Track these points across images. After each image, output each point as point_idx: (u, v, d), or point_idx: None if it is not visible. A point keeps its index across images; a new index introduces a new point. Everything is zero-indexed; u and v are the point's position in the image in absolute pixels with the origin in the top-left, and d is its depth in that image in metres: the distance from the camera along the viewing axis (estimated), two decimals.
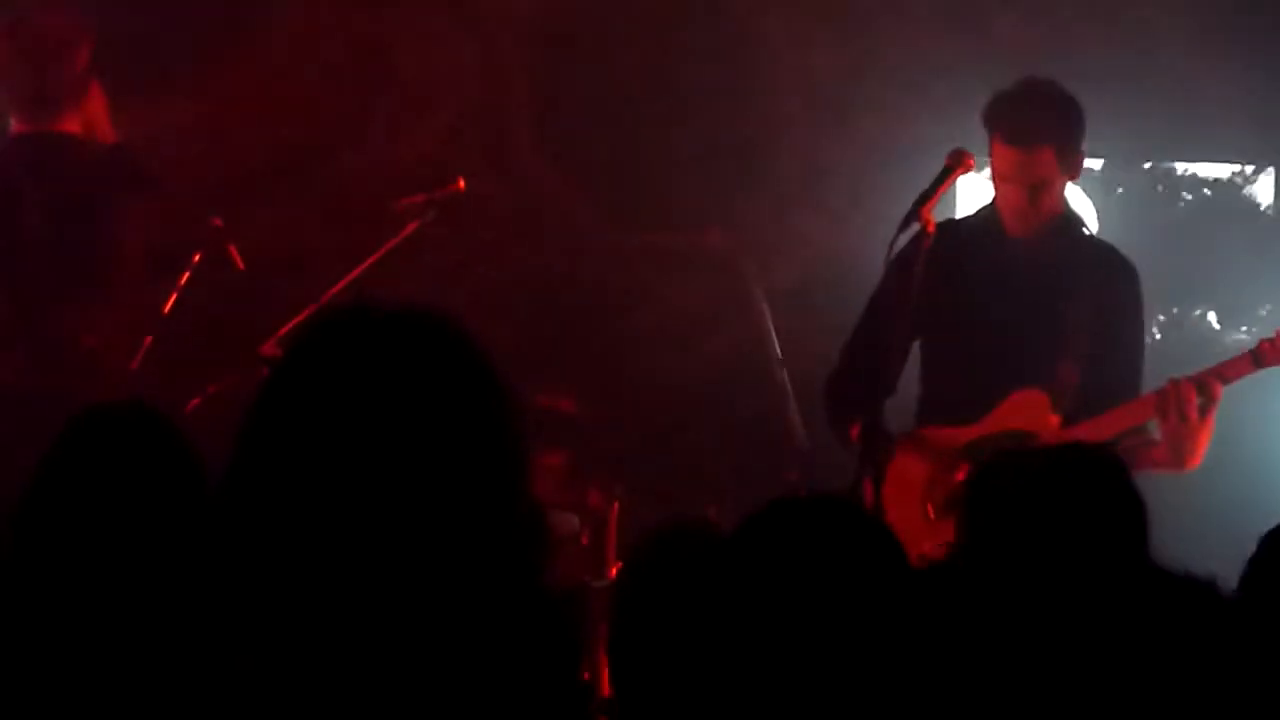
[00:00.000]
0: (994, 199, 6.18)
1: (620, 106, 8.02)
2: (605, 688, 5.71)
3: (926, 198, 5.80)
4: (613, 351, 7.75)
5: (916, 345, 6.27)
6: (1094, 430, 6.02)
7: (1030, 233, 6.12)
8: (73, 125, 6.54)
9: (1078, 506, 3.63)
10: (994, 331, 6.14)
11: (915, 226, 5.75)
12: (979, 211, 6.31)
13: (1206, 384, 5.92)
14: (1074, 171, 6.13)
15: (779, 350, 7.11)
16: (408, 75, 7.87)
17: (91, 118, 6.62)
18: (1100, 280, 6.19)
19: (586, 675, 5.65)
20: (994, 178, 6.12)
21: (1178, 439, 5.94)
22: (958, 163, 5.88)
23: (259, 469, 2.38)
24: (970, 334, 6.16)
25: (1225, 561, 3.83)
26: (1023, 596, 3.41)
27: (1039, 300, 6.15)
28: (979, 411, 6.10)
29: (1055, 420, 6.07)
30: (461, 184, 6.55)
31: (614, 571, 6.16)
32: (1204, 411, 5.91)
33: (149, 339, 6.35)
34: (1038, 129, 6.00)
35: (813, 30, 7.96)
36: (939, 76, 7.88)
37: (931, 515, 6.05)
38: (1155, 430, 6.04)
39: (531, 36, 8.01)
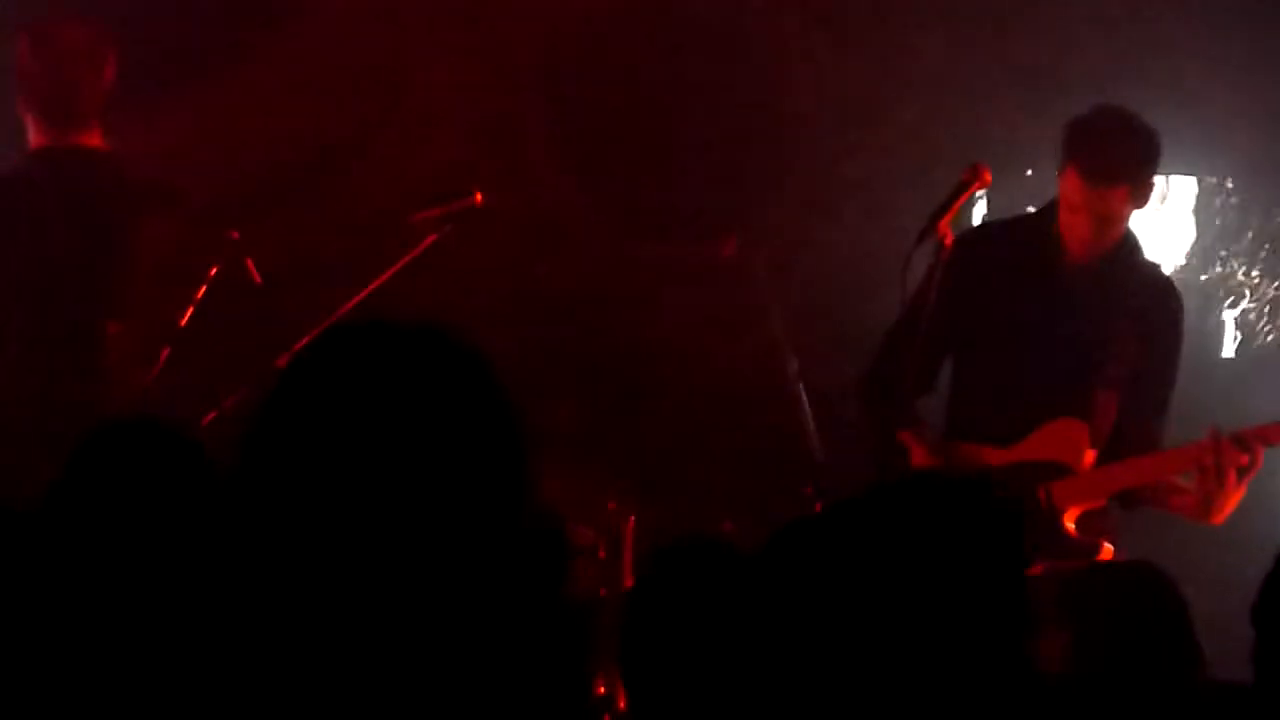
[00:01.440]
0: (1057, 215, 6.08)
1: (637, 118, 8.02)
2: (622, 701, 5.72)
3: (943, 212, 5.80)
4: (630, 363, 7.75)
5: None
6: (1129, 474, 5.96)
7: (1090, 258, 6.06)
8: (94, 139, 6.54)
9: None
10: (1037, 352, 6.06)
11: (932, 240, 5.75)
12: (1035, 221, 6.20)
13: (1248, 444, 5.81)
14: (1143, 202, 6.04)
15: (795, 362, 7.10)
16: (424, 88, 7.87)
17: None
18: (1147, 303, 6.13)
19: (603, 689, 5.66)
20: (1063, 203, 6.03)
21: (1209, 496, 5.83)
22: (974, 177, 5.88)
23: (260, 481, 2.39)
24: (1012, 351, 6.09)
25: (1240, 575, 3.85)
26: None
27: (1086, 325, 6.08)
28: (1013, 432, 6.02)
29: (1091, 455, 6.01)
30: (479, 197, 6.53)
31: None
32: (1242, 475, 5.80)
33: (165, 352, 6.35)
34: (1118, 170, 5.92)
35: (832, 44, 7.96)
36: (957, 90, 7.89)
37: None
38: (1187, 477, 5.95)
39: (547, 48, 8.02)
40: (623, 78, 8.01)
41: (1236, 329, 8.22)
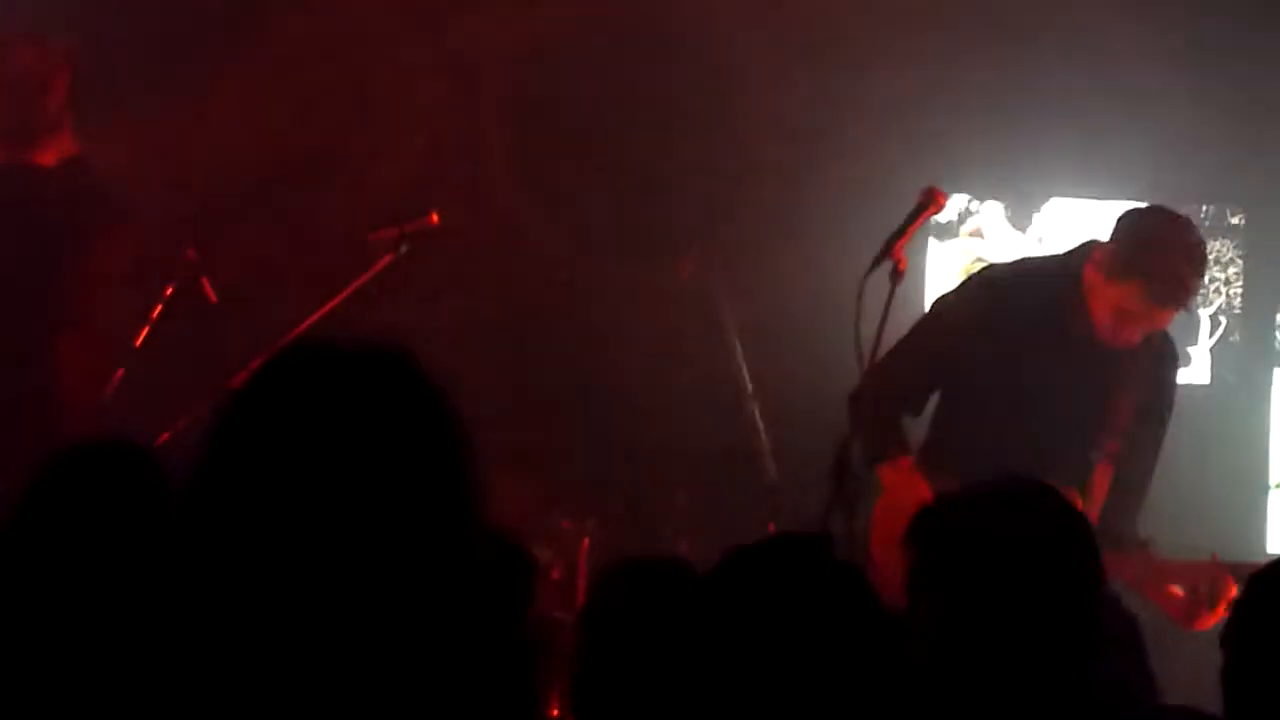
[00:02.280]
0: (1089, 299, 6.10)
1: (595, 139, 8.04)
2: None
3: (898, 236, 5.80)
4: (585, 383, 7.76)
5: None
6: (1120, 567, 5.95)
7: (1119, 344, 6.11)
8: (47, 158, 6.53)
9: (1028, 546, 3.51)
10: (1045, 414, 6.08)
11: (887, 264, 5.76)
12: (1066, 283, 6.17)
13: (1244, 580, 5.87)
14: None
15: (749, 383, 7.11)
16: (383, 107, 7.88)
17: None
18: (1152, 370, 6.20)
19: (556, 710, 5.66)
20: (1110, 304, 6.05)
21: (1194, 613, 5.94)
22: (929, 201, 5.87)
23: (210, 505, 2.39)
24: (1018, 406, 6.08)
25: None
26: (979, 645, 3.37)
27: (1096, 397, 6.12)
28: None
29: None
30: (435, 217, 6.54)
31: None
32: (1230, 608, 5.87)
33: (120, 371, 6.33)
34: (1181, 298, 5.98)
35: (788, 66, 7.99)
36: (912, 113, 7.92)
37: None
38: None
39: (507, 69, 8.03)
40: (582, 99, 8.03)
41: (1211, 323, 8.27)
